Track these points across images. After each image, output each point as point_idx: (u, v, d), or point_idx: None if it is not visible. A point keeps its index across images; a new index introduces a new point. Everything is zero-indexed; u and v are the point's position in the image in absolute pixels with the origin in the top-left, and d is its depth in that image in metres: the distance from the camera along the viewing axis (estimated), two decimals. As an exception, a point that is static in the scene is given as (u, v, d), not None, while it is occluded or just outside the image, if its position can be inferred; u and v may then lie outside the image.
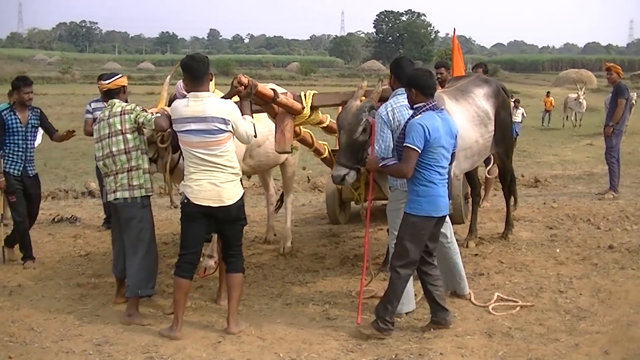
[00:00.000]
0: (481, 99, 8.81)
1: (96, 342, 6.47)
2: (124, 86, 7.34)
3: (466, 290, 7.52)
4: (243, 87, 6.67)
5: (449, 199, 6.75)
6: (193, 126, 6.31)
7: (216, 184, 6.37)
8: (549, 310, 7.22)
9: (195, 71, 6.45)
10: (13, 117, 8.77)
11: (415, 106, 6.41)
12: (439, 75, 10.50)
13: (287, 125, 7.20)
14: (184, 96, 6.68)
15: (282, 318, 7.06)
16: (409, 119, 6.36)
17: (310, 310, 7.27)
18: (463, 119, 8.24)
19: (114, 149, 7.01)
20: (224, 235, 6.76)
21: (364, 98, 7.14)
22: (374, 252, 9.25)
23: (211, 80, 6.69)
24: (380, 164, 6.52)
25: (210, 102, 6.39)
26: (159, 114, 6.91)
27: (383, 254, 9.02)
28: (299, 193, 12.42)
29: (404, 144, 6.24)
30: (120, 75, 7.51)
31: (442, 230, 6.98)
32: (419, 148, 6.19)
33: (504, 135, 9.28)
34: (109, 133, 7.04)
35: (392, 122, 6.72)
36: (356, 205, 10.49)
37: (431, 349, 6.28)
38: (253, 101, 7.03)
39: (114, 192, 7.07)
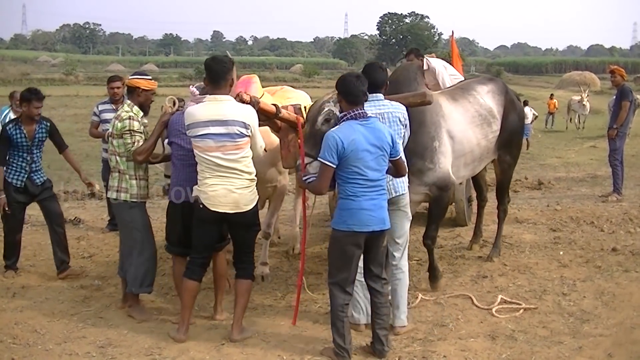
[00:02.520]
0: (484, 96, 8.44)
1: (100, 345, 6.48)
2: (138, 87, 7.14)
3: (402, 322, 6.82)
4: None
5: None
6: (212, 130, 6.19)
7: (232, 190, 6.27)
8: (552, 313, 7.23)
9: (213, 73, 6.36)
10: (18, 131, 8.47)
11: (340, 115, 6.21)
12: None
13: (291, 140, 7.18)
14: (198, 102, 6.62)
15: (286, 320, 7.06)
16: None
17: (313, 313, 7.28)
18: (462, 121, 7.96)
19: (109, 149, 7.18)
20: (237, 240, 6.70)
21: None
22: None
23: (232, 85, 6.50)
24: (303, 179, 6.32)
25: (230, 106, 6.29)
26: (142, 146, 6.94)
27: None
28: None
29: (318, 158, 6.06)
30: (144, 76, 7.32)
31: (392, 250, 6.82)
32: (332, 163, 5.90)
33: (512, 139, 8.84)
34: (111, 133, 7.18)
35: None
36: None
37: (435, 352, 6.28)
38: None
39: (109, 189, 7.25)
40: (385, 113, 6.60)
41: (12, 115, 11.57)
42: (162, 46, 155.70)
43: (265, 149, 6.84)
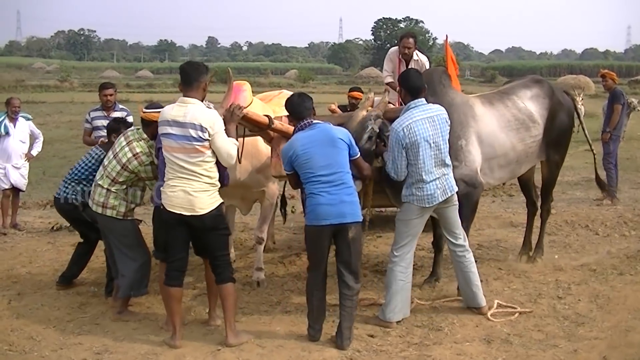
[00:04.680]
0: (525, 101, 8.40)
1: (96, 351, 6.48)
2: (156, 121, 7.15)
3: (482, 302, 7.30)
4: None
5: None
6: (173, 130, 6.27)
7: (189, 192, 6.29)
8: (547, 317, 7.25)
9: (186, 76, 6.44)
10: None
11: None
12: (407, 50, 10.16)
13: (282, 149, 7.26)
14: None
15: (282, 326, 7.07)
16: None
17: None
18: (494, 125, 8.00)
19: (107, 170, 7.22)
20: (204, 245, 6.68)
21: (370, 108, 7.28)
22: (373, 259, 9.28)
23: (205, 89, 6.58)
24: None
25: (192, 109, 6.30)
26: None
27: (382, 260, 9.03)
28: (296, 200, 12.42)
29: None
30: (159, 109, 7.21)
31: (453, 240, 7.13)
32: (288, 171, 6.72)
33: (561, 139, 8.80)
34: (113, 152, 7.23)
35: (406, 138, 6.75)
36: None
37: (430, 356, 6.30)
38: (248, 128, 7.12)
39: (93, 203, 7.33)
40: (435, 116, 6.90)
41: (7, 123, 11.55)
42: (157, 52, 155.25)
43: (239, 159, 6.89)
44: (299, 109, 6.72)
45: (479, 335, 6.79)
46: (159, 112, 7.09)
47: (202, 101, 6.47)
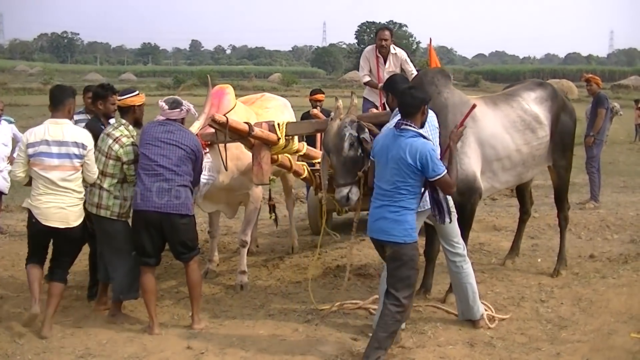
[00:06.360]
0: (530, 103, 8.21)
1: (79, 354, 6.46)
2: (133, 105, 7.28)
3: (477, 315, 7.07)
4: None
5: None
6: (53, 149, 6.77)
7: (64, 207, 6.84)
8: (530, 320, 7.27)
9: (55, 99, 6.98)
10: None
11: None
12: (383, 42, 10.38)
13: (263, 157, 7.26)
14: (162, 118, 7.01)
15: (265, 329, 7.06)
16: None
17: (292, 322, 7.27)
18: (497, 125, 7.79)
19: (100, 167, 7.12)
20: (60, 251, 7.15)
21: (342, 116, 7.18)
22: (356, 262, 9.27)
23: (70, 111, 7.04)
24: None
25: (68, 128, 6.90)
26: None
27: (365, 264, 9.04)
28: (281, 204, 12.43)
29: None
30: (135, 93, 7.43)
31: (451, 249, 6.99)
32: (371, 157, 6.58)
33: (565, 142, 8.70)
34: (100, 149, 7.14)
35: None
36: (338, 216, 10.50)
37: (413, 359, 6.30)
38: (228, 135, 7.11)
39: (88, 203, 7.21)
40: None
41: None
42: (141, 55, 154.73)
43: (225, 166, 7.05)
44: (401, 105, 6.27)
45: (462, 338, 6.80)
46: (137, 95, 7.36)
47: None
